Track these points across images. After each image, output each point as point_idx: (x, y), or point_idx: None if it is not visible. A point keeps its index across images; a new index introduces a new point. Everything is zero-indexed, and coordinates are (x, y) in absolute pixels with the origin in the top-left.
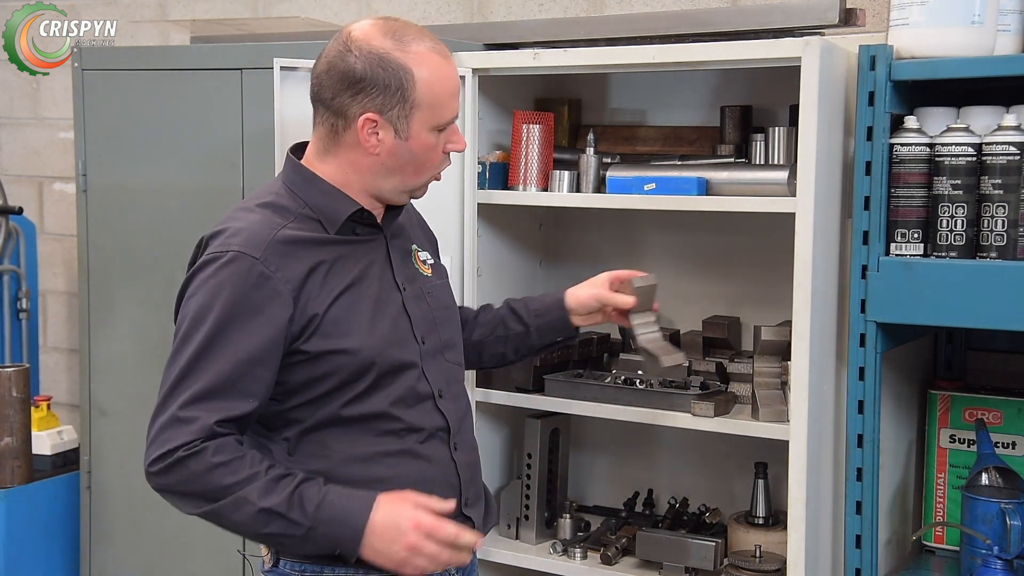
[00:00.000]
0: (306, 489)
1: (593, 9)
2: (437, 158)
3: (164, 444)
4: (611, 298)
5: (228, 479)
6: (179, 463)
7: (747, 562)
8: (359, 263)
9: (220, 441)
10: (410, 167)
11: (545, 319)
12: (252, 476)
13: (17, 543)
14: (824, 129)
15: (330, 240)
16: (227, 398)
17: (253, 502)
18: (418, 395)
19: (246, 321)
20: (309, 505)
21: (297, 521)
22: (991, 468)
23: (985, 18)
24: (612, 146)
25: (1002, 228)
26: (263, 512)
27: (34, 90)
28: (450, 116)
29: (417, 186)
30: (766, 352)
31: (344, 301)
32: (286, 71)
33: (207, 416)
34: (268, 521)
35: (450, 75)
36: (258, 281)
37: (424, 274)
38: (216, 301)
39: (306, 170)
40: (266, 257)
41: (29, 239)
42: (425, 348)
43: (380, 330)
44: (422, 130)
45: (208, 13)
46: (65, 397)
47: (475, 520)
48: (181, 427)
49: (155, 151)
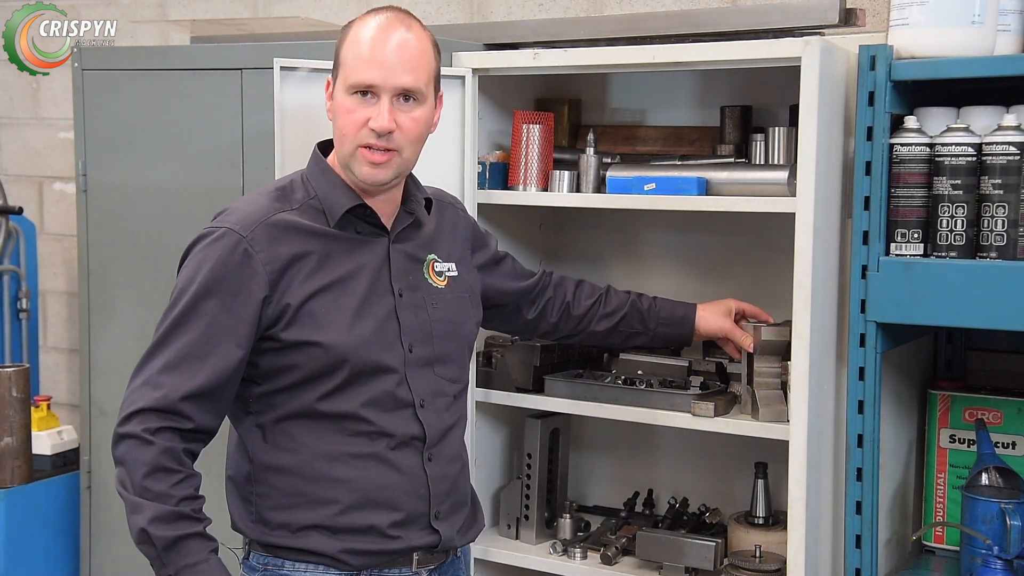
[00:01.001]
0: (193, 544)
1: (593, 9)
2: (353, 127)
3: (130, 406)
4: (739, 338)
5: (146, 482)
6: (128, 437)
7: (747, 562)
8: (352, 261)
9: (170, 447)
10: (337, 132)
11: (669, 330)
12: (164, 495)
13: (17, 543)
14: (824, 129)
15: (328, 233)
16: (196, 369)
17: (144, 515)
18: (396, 400)
19: (222, 295)
20: (184, 558)
21: (165, 563)
22: (991, 468)
23: (985, 18)
24: (612, 146)
25: (1002, 228)
26: (143, 532)
27: (34, 90)
28: (356, 78)
29: (345, 157)
30: (766, 352)
31: (327, 296)
32: (286, 71)
33: (173, 389)
34: (142, 542)
35: (372, 40)
36: (241, 259)
37: (434, 285)
38: (199, 274)
39: (323, 160)
40: (253, 236)
41: (29, 239)
42: (412, 356)
43: (360, 330)
44: (341, 91)
45: (208, 13)
46: (65, 397)
47: (444, 533)
48: (148, 392)
49: (155, 151)
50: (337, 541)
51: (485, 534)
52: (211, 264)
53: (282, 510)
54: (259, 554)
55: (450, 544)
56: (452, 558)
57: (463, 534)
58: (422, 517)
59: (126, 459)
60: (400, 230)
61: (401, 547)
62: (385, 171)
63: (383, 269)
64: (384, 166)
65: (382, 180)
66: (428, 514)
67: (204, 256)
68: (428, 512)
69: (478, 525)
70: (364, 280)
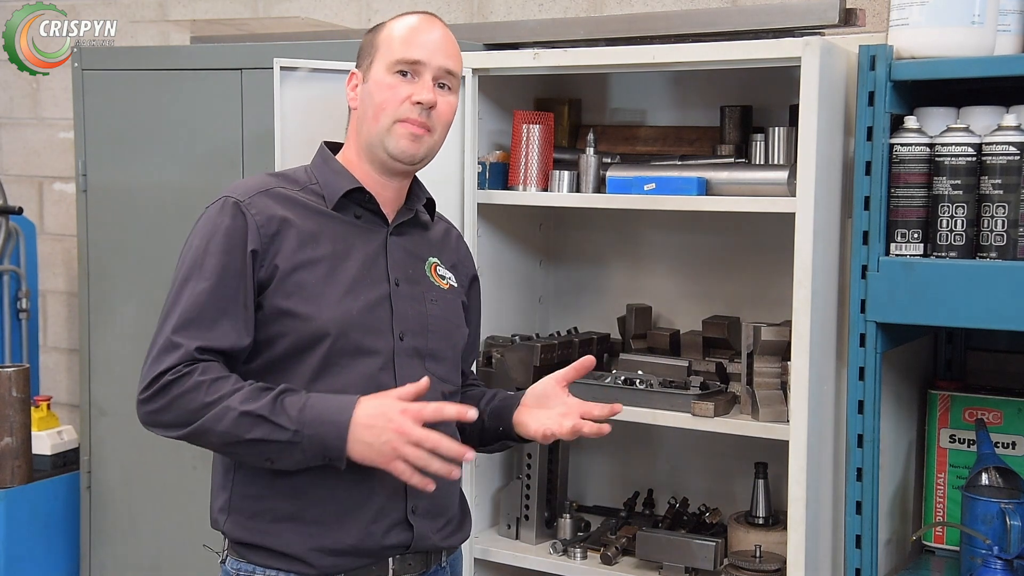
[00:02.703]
0: (288, 396)
1: (593, 9)
2: (394, 101)
3: (151, 372)
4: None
5: (212, 396)
6: (165, 387)
7: (747, 562)
8: (346, 242)
9: (205, 364)
10: (371, 110)
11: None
12: (235, 389)
13: (17, 543)
14: (824, 129)
15: (324, 213)
16: (207, 325)
17: (235, 408)
18: (379, 385)
19: (219, 248)
20: (292, 409)
21: (282, 425)
22: (991, 468)
23: (985, 18)
24: (612, 146)
25: (1002, 228)
26: (245, 416)
27: (34, 90)
28: (402, 54)
29: (380, 133)
30: (766, 352)
31: (316, 270)
32: (286, 71)
33: (189, 343)
34: (252, 426)
35: (417, 27)
36: (234, 213)
37: (436, 284)
38: (198, 237)
39: (327, 152)
40: (249, 200)
41: (29, 239)
42: (402, 345)
43: (346, 307)
44: (380, 70)
45: (208, 13)
46: (65, 397)
47: (420, 530)
48: (166, 355)
49: (155, 151)
50: (308, 538)
51: (485, 534)
52: (210, 226)
53: (255, 500)
54: (234, 559)
55: (425, 542)
56: (435, 568)
57: (448, 535)
58: (396, 511)
59: (172, 401)
60: (400, 223)
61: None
62: (419, 145)
63: (379, 256)
64: (420, 140)
65: (415, 153)
66: (405, 508)
67: (204, 221)
68: (405, 506)
69: (463, 532)
70: (356, 263)
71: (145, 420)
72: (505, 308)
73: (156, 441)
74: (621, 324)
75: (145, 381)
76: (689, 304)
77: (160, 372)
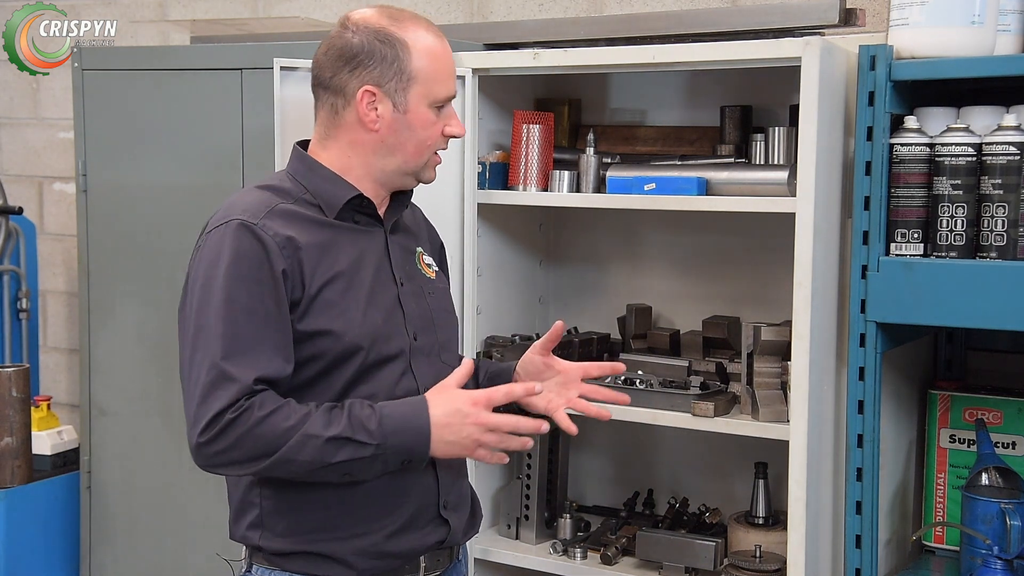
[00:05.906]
0: (359, 411)
1: (593, 9)
2: (435, 137)
3: (207, 411)
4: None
5: (284, 424)
6: (229, 426)
7: (747, 562)
8: (355, 250)
9: (262, 396)
10: (410, 144)
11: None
12: (305, 416)
13: (17, 543)
14: (824, 129)
15: (328, 223)
16: (256, 355)
17: (318, 435)
18: (403, 389)
19: (245, 274)
20: (370, 423)
21: (364, 442)
22: (991, 468)
23: (985, 18)
24: (612, 146)
25: (1002, 228)
26: (331, 441)
27: (34, 90)
28: (446, 93)
29: (419, 166)
30: (766, 352)
31: (338, 284)
32: (286, 71)
33: (244, 375)
34: (337, 449)
35: (444, 53)
36: (248, 235)
37: (427, 276)
38: (216, 265)
39: (308, 158)
40: (264, 223)
41: (29, 239)
42: (416, 344)
43: (372, 317)
44: (420, 104)
45: (208, 13)
46: (65, 397)
47: (453, 524)
48: (220, 391)
49: (155, 151)
50: (347, 543)
51: (485, 534)
52: (228, 253)
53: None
54: (263, 567)
55: (456, 538)
56: (455, 561)
57: (469, 527)
58: (430, 508)
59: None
60: (393, 221)
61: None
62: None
63: (384, 259)
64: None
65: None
66: (437, 504)
67: (217, 249)
68: (437, 502)
69: (478, 520)
70: (370, 269)
71: (209, 463)
72: (505, 308)
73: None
74: (621, 324)
75: (202, 422)
76: (689, 304)
77: (220, 411)
